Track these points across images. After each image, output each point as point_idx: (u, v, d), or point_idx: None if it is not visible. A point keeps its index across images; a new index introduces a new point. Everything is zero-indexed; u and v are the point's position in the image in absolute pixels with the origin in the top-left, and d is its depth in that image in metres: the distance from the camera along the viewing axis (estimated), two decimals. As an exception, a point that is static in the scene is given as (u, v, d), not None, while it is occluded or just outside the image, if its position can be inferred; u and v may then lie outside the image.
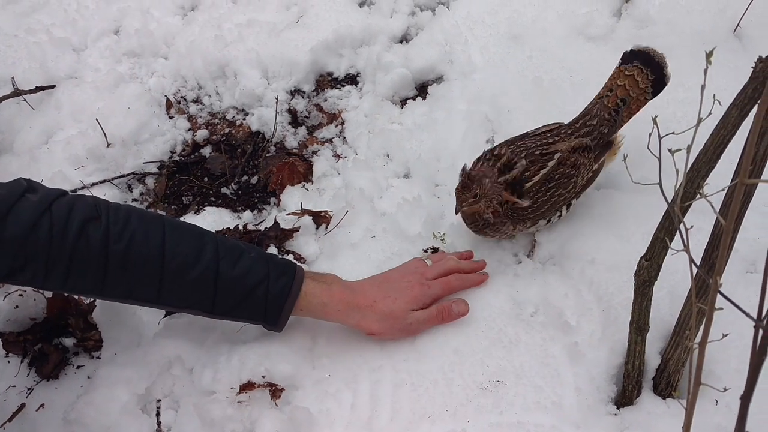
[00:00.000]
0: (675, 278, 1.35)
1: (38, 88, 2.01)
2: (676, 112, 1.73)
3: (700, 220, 1.41)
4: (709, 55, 0.75)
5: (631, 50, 1.48)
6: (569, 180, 1.43)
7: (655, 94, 1.49)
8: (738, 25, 1.83)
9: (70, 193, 1.27)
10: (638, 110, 1.50)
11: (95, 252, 1.18)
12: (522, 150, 1.43)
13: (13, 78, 2.02)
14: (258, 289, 1.28)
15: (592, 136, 1.47)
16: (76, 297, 1.58)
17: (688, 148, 0.82)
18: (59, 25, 2.20)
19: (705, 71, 0.76)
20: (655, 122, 0.96)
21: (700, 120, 0.80)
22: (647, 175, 1.41)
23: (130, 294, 1.26)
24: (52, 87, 2.04)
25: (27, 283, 1.21)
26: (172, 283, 1.24)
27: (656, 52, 1.47)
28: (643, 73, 1.46)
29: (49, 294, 1.54)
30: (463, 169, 1.41)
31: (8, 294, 1.56)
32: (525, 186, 1.40)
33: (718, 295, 0.73)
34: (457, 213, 1.44)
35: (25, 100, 1.98)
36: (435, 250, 1.59)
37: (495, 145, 1.51)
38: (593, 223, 1.56)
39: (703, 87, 0.77)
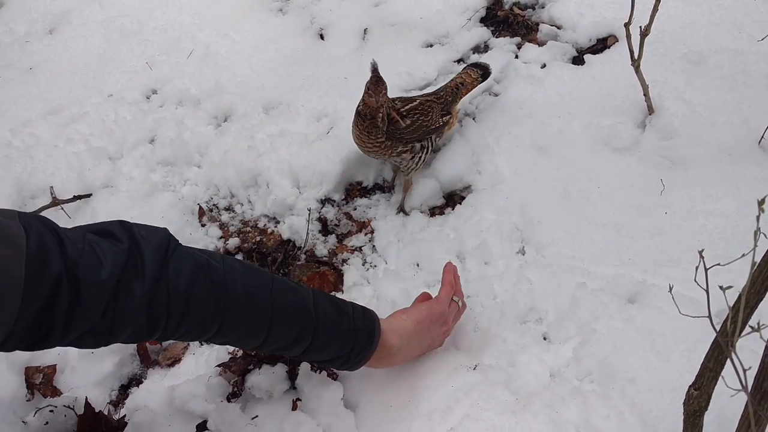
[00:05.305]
0: (722, 401, 1.30)
1: (75, 197, 2.07)
2: (707, 224, 1.73)
3: (744, 339, 1.40)
4: (761, 202, 0.76)
5: (472, 63, 2.17)
6: (428, 112, 1.90)
7: (485, 79, 2.11)
8: (762, 136, 1.86)
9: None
10: (472, 89, 2.08)
11: (219, 306, 1.23)
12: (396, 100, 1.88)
13: (51, 188, 2.08)
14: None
15: (441, 101, 1.97)
16: (106, 413, 1.56)
17: (743, 290, 0.82)
18: (97, 135, 2.28)
19: (758, 218, 0.77)
20: (701, 255, 0.96)
21: (754, 263, 0.80)
22: (693, 295, 1.40)
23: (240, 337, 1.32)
24: (88, 196, 2.09)
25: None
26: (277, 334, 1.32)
27: (483, 62, 2.14)
28: (475, 71, 2.08)
29: (80, 410, 1.52)
30: (373, 63, 1.71)
31: (39, 410, 1.55)
32: (404, 109, 1.84)
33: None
34: (377, 103, 1.72)
35: (62, 208, 2.03)
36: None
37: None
38: (630, 339, 1.54)
39: (756, 233, 0.78)
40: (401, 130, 1.82)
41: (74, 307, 1.06)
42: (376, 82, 1.71)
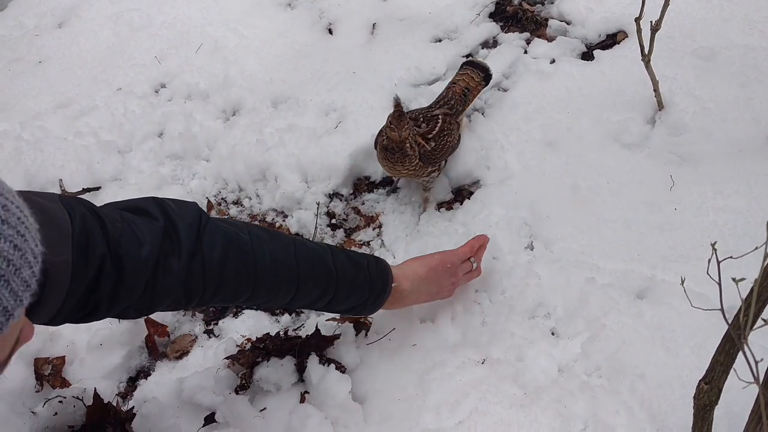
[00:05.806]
0: (730, 395, 1.30)
1: (84, 190, 2.08)
2: (717, 220, 1.73)
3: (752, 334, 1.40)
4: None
5: (468, 62, 2.10)
6: (451, 131, 1.90)
7: (487, 83, 2.06)
8: (773, 133, 1.85)
9: None
10: (477, 95, 2.05)
11: (250, 276, 1.28)
12: (419, 118, 1.88)
13: (60, 180, 2.09)
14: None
15: (453, 111, 1.95)
16: (115, 404, 1.57)
17: (755, 283, 0.81)
18: (107, 128, 2.29)
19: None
20: (714, 248, 0.96)
21: (767, 255, 0.79)
22: (703, 291, 1.40)
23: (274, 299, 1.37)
24: (97, 189, 2.10)
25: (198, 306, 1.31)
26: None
27: (481, 61, 2.09)
28: (478, 74, 2.04)
29: (89, 401, 1.53)
30: (396, 98, 1.68)
31: (48, 400, 1.56)
32: (430, 136, 1.83)
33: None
34: (400, 138, 1.71)
35: (71, 201, 2.04)
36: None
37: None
38: (639, 334, 1.53)
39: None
40: (430, 152, 1.82)
41: (118, 286, 1.09)
42: (398, 117, 1.70)
